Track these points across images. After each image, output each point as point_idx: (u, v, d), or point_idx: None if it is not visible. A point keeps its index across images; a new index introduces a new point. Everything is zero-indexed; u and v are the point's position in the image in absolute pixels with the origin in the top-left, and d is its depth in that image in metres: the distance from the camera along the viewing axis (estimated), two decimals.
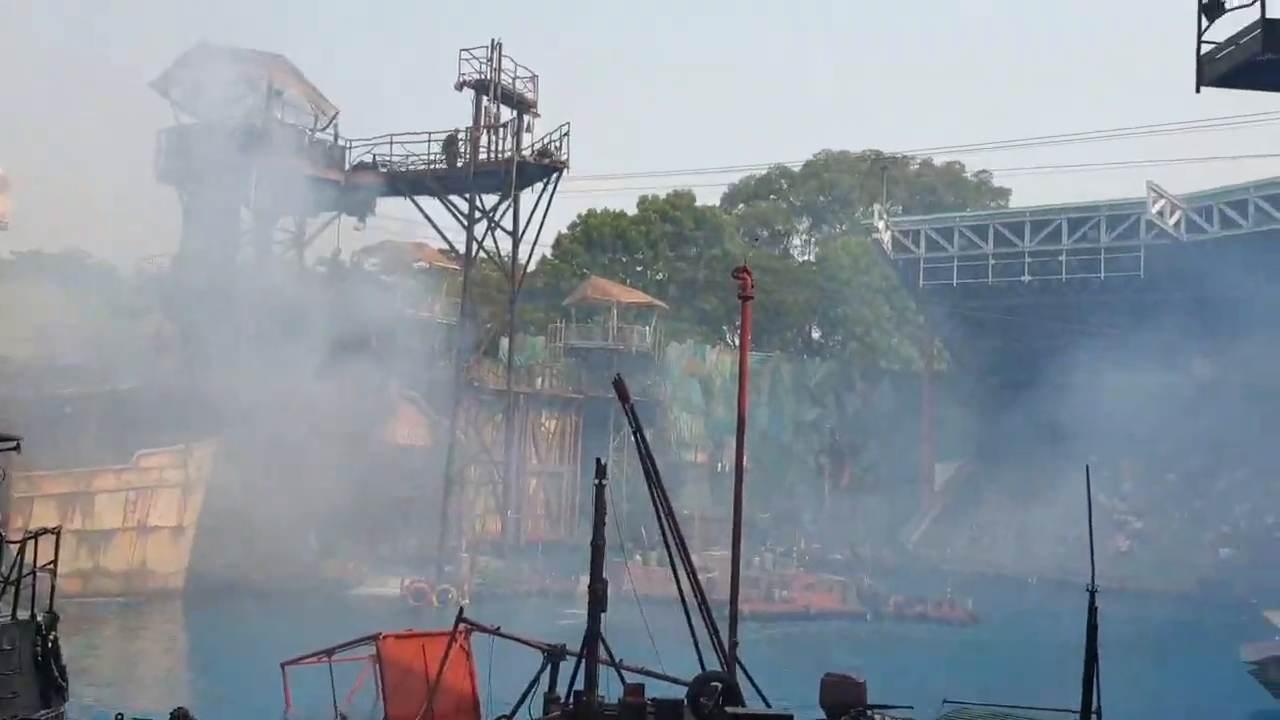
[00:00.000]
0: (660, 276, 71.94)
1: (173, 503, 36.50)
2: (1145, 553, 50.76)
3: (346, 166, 43.22)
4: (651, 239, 71.68)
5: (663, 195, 72.99)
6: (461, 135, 41.69)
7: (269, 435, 40.94)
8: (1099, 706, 12.67)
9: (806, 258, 79.52)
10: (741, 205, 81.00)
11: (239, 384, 38.45)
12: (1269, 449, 49.93)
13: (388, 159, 42.74)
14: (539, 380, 54.19)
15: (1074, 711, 12.44)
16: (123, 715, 13.89)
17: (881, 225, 58.33)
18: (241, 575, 37.80)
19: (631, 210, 73.41)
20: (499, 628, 19.28)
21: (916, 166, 76.32)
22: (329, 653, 19.88)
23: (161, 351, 42.17)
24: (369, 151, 43.33)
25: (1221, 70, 9.60)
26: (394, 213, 48.79)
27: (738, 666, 16.11)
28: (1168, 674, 27.24)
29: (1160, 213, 50.34)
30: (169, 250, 43.58)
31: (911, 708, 16.03)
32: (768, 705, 14.81)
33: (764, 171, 79.77)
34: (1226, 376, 53.28)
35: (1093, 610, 12.65)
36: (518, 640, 18.65)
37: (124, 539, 35.77)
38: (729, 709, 12.87)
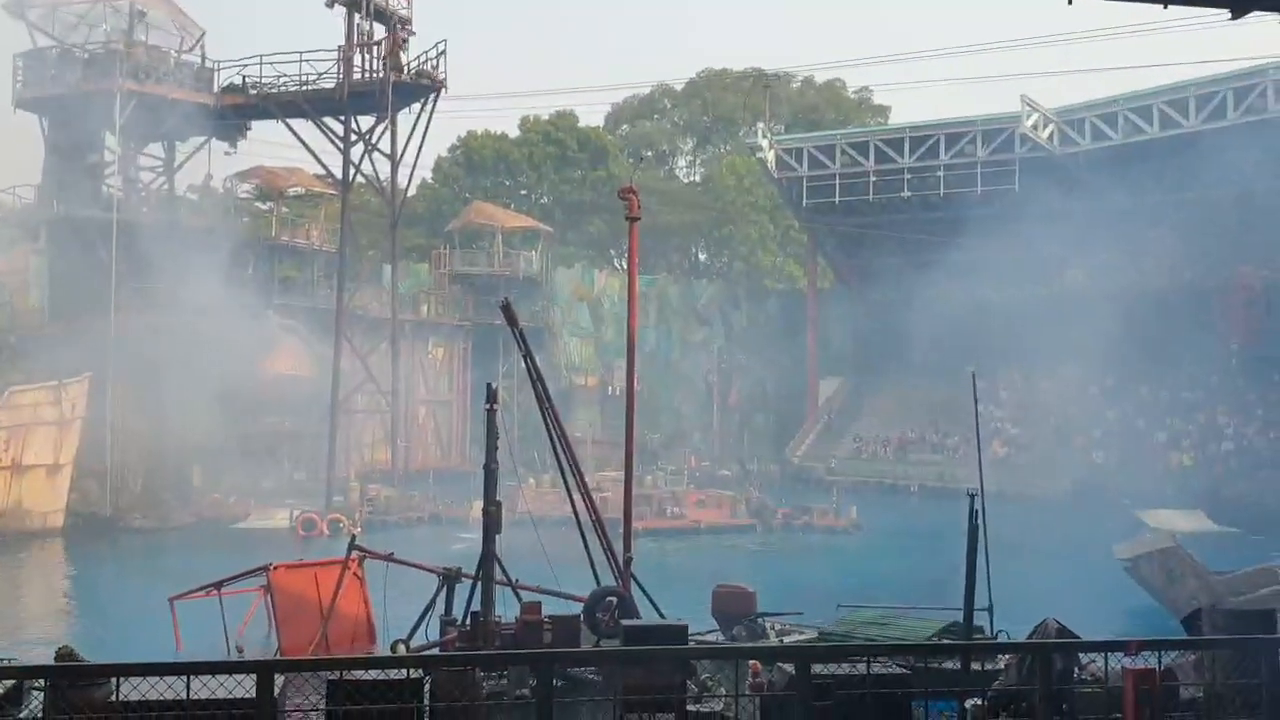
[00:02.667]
0: (545, 200, 71.35)
1: (48, 440, 35.40)
2: (1022, 458, 52.50)
3: (215, 89, 41.70)
4: (535, 161, 70.93)
5: (545, 116, 72.19)
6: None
7: (145, 370, 39.93)
8: (990, 605, 13.11)
9: (692, 178, 79.57)
10: (625, 126, 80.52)
11: (111, 318, 37.34)
12: (1136, 355, 51.81)
13: (258, 80, 41.33)
14: (424, 308, 53.54)
15: (960, 610, 12.87)
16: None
17: (765, 144, 58.56)
18: (123, 512, 37.09)
19: (513, 132, 72.51)
20: (392, 553, 19.19)
21: (798, 84, 76.58)
22: (218, 585, 19.55)
23: (28, 286, 40.66)
24: (238, 73, 41.86)
25: None
26: (267, 136, 47.43)
27: (632, 581, 16.31)
28: (1047, 573, 28.27)
29: (1034, 126, 51.37)
30: (31, 181, 41.82)
31: (801, 613, 16.39)
32: (662, 617, 15.03)
33: (647, 91, 79.36)
34: (1096, 285, 54.99)
35: (973, 513, 13.06)
36: (412, 565, 18.61)
37: None
38: (624, 622, 13.03)
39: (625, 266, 35.68)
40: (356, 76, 40.18)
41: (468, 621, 14.59)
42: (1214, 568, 23.09)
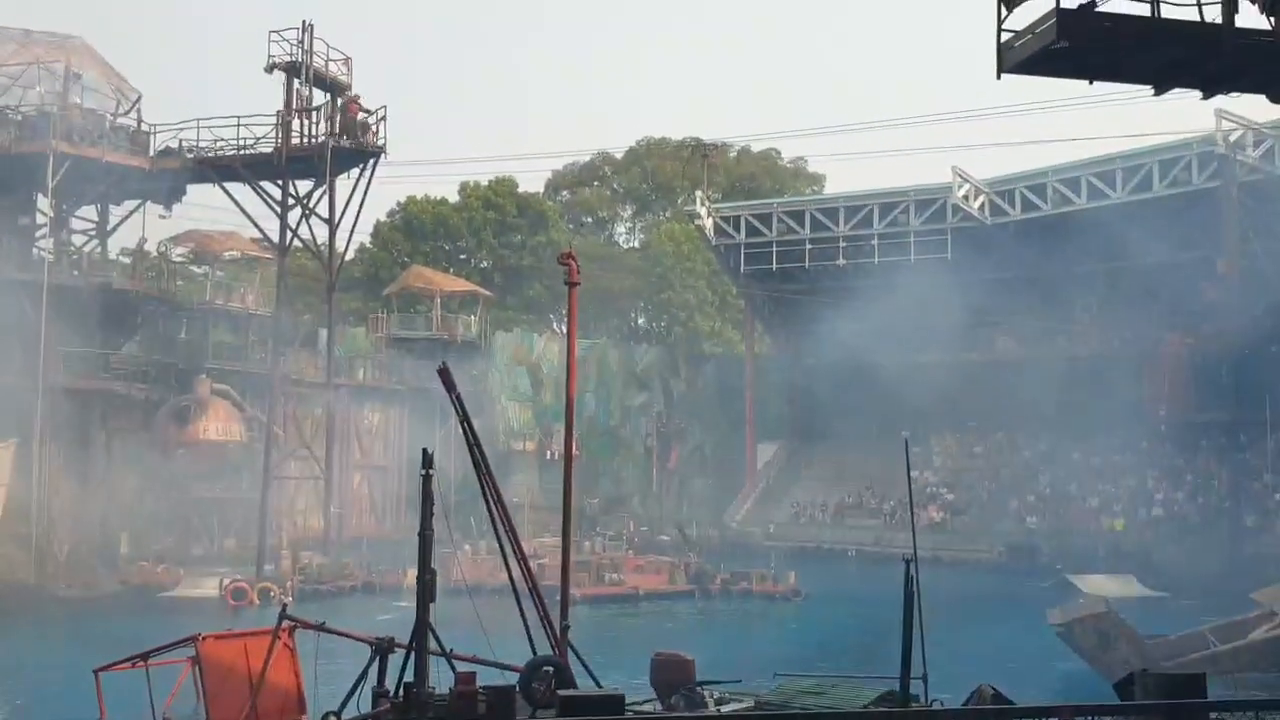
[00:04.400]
0: (485, 264, 71.41)
1: None
2: (957, 523, 52.95)
3: (152, 152, 41.41)
4: (474, 226, 71.06)
5: (485, 182, 72.46)
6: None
7: (72, 435, 39.19)
8: (925, 672, 13.14)
9: (631, 244, 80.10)
10: (565, 192, 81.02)
11: (40, 382, 36.65)
12: (1067, 420, 52.63)
13: (195, 144, 41.10)
14: (361, 372, 53.10)
15: (896, 678, 12.87)
16: None
17: (703, 211, 59.23)
18: (48, 580, 36.15)
19: (453, 197, 72.68)
20: (324, 623, 18.83)
21: (735, 154, 77.61)
22: (145, 656, 19.02)
23: None
24: (175, 136, 41.64)
25: (1020, 57, 9.98)
26: (204, 200, 47.10)
27: (569, 650, 16.14)
28: (982, 638, 28.42)
29: (965, 197, 52.43)
30: None
31: (739, 681, 16.33)
32: (599, 686, 14.87)
33: (587, 158, 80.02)
34: (1027, 351, 55.97)
35: (909, 579, 13.12)
36: (344, 635, 18.25)
37: None
38: (561, 692, 12.87)
39: (565, 331, 35.81)
40: (295, 141, 40.11)
41: (401, 693, 14.33)
42: (1146, 632, 23.35)
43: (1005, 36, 10.01)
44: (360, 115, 40.52)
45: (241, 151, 40.52)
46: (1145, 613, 30.03)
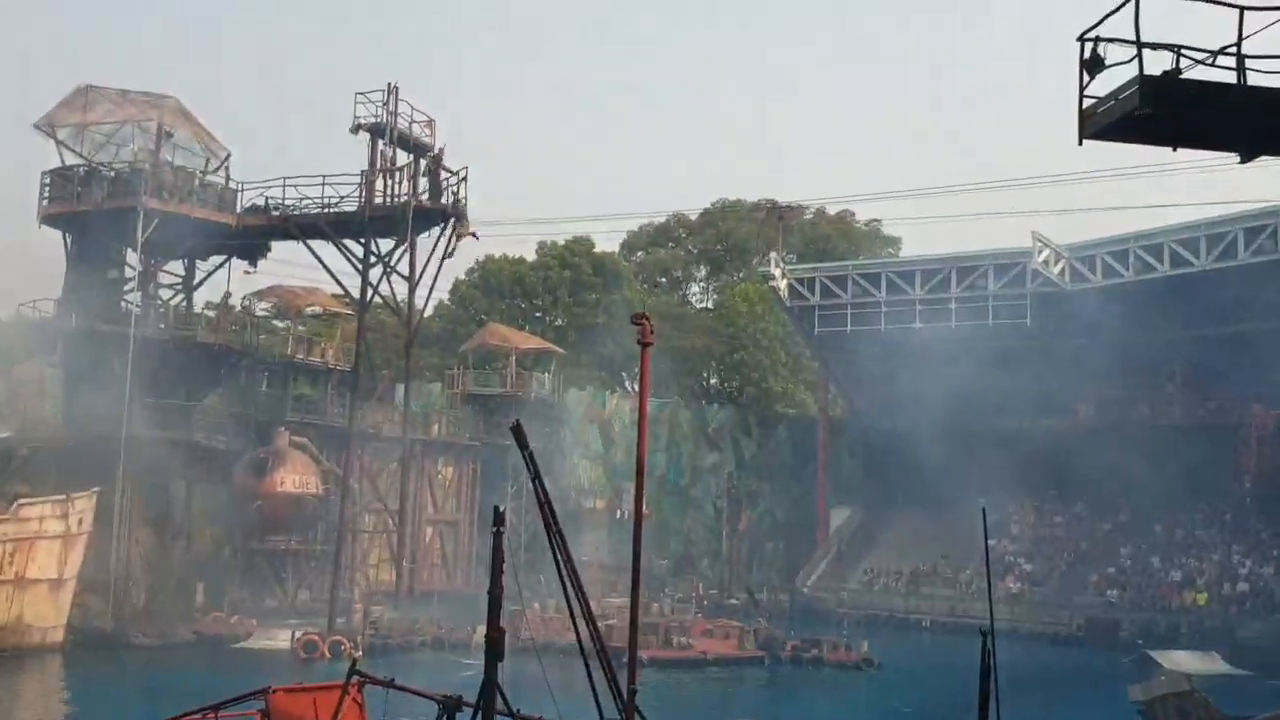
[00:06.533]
0: (559, 323, 71.89)
1: (52, 554, 35.11)
2: (1035, 595, 51.82)
3: (238, 209, 42.44)
4: (550, 285, 71.68)
5: (562, 242, 73.17)
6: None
7: (153, 485, 39.91)
8: None
9: (705, 305, 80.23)
10: (640, 252, 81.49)
11: (123, 432, 37.43)
12: (1150, 492, 51.50)
13: (280, 202, 42.08)
14: (435, 427, 53.56)
15: None
16: None
17: (778, 273, 59.15)
18: (124, 629, 36.68)
19: (530, 257, 73.45)
20: (393, 679, 18.84)
21: (810, 216, 77.62)
22: (215, 708, 19.13)
23: (43, 398, 40.86)
24: (261, 194, 42.68)
25: (1101, 124, 9.88)
26: (288, 257, 48.04)
27: (637, 714, 15.97)
28: (1061, 715, 27.70)
29: (1045, 262, 51.83)
30: (52, 295, 42.33)
31: None
32: None
33: (663, 219, 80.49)
34: (1108, 419, 54.95)
35: (986, 652, 12.82)
36: (413, 692, 18.24)
37: (1, 592, 34.34)
38: None
39: (637, 389, 35.86)
40: (378, 201, 40.86)
41: None
42: (1230, 712, 22.59)
43: (1088, 103, 9.93)
44: (445, 177, 41.10)
45: (325, 210, 41.36)
46: (1229, 691, 29.06)
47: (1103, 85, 9.55)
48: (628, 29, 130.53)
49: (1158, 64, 9.08)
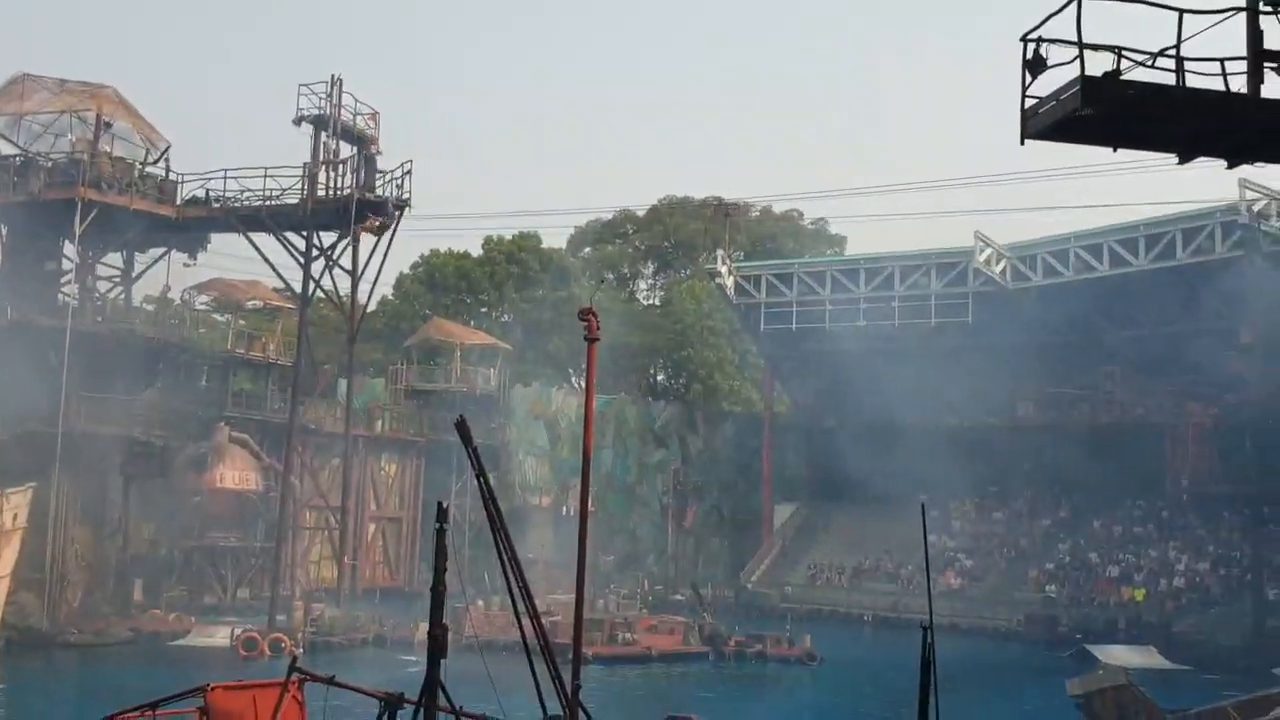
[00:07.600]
0: (505, 318, 71.63)
1: None
2: (975, 590, 52.37)
3: (179, 201, 41.79)
4: (496, 280, 71.39)
5: (508, 236, 72.90)
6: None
7: (89, 480, 39.26)
8: None
9: (652, 301, 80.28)
10: (587, 248, 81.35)
11: (59, 427, 36.77)
12: (1089, 489, 52.23)
13: (222, 194, 41.49)
14: (379, 423, 53.06)
15: None
16: None
17: (724, 270, 59.29)
18: (60, 627, 36.07)
19: (476, 251, 73.08)
20: (334, 676, 18.66)
21: (757, 214, 77.89)
22: (153, 706, 18.84)
23: None
24: (202, 186, 42.07)
25: (1044, 124, 9.97)
26: (229, 249, 47.47)
27: (580, 710, 15.93)
28: (1000, 709, 28.01)
29: (987, 261, 52.35)
30: None
31: None
32: None
33: (610, 216, 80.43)
34: (1048, 418, 55.65)
35: (926, 646, 12.92)
36: (354, 689, 18.07)
37: None
38: None
39: (583, 385, 35.83)
40: (320, 193, 40.43)
41: None
42: (1166, 705, 22.93)
43: (1030, 103, 10.01)
44: (387, 171, 40.79)
45: (267, 202, 40.86)
46: (1166, 686, 29.56)
47: (1045, 85, 9.65)
48: (577, 22, 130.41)
49: (1099, 65, 9.18)
